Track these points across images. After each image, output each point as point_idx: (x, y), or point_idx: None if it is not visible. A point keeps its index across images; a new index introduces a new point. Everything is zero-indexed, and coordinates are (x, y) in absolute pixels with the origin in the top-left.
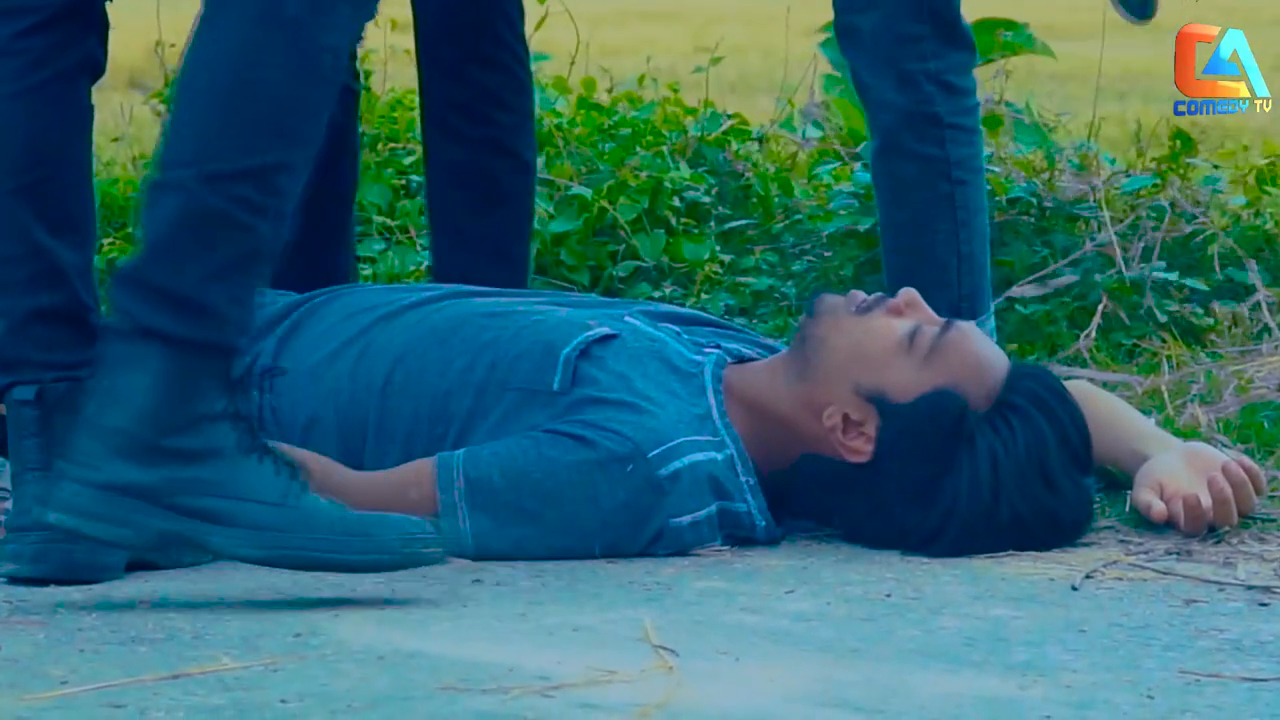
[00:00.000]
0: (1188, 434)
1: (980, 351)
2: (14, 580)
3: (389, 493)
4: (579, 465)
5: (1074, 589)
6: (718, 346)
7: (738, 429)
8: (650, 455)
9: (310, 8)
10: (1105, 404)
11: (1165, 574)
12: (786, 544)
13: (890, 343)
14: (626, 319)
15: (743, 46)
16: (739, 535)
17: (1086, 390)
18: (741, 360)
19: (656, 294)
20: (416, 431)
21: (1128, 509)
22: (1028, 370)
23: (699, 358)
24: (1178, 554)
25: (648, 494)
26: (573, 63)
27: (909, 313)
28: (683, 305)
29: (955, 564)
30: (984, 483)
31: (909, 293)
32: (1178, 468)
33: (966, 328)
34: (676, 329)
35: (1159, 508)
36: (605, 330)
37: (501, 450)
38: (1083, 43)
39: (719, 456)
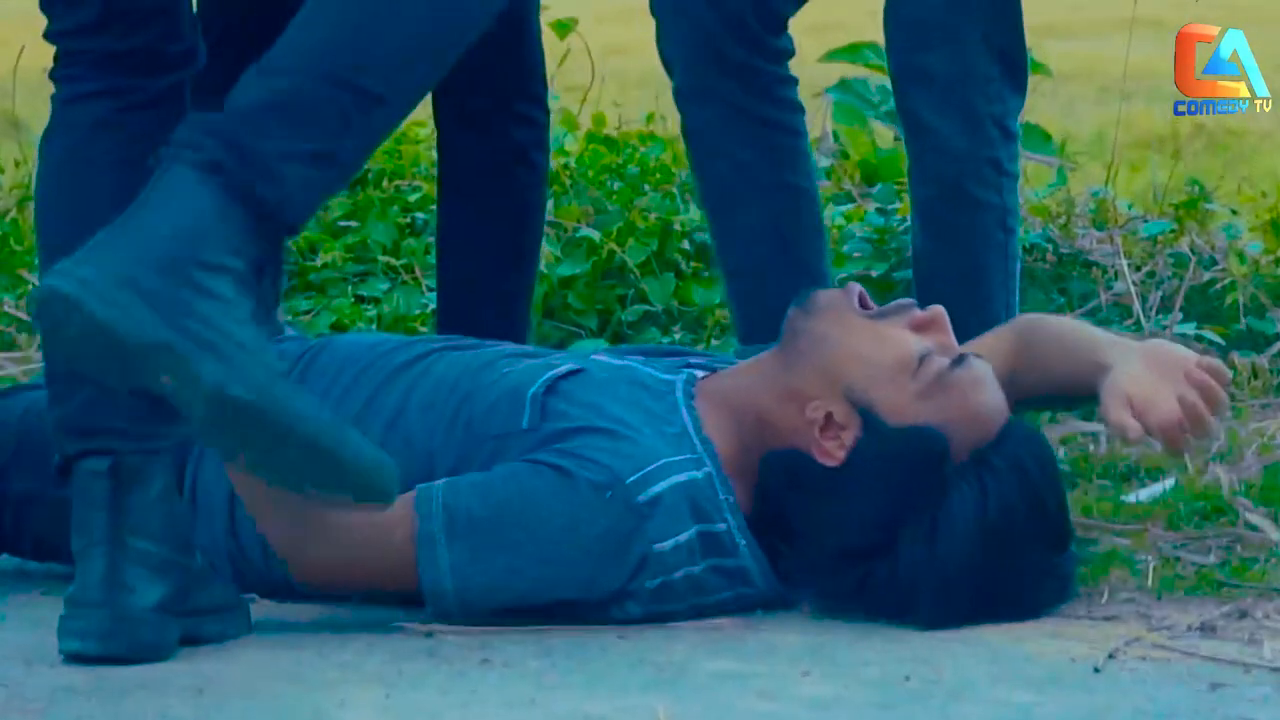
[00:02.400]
0: (1210, 496)
1: (983, 402)
2: (74, 658)
3: (372, 533)
4: (558, 495)
5: (1096, 670)
6: (687, 365)
7: (715, 444)
8: (629, 481)
9: None
10: (1056, 325)
11: (1189, 654)
12: (800, 616)
13: (899, 358)
14: (591, 357)
15: None
16: (725, 563)
17: (1035, 318)
18: (713, 373)
19: (665, 339)
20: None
21: (1105, 432)
22: (1018, 431)
23: (669, 376)
24: (1201, 630)
25: (628, 521)
26: (584, 100)
27: (929, 331)
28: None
29: (974, 641)
30: (930, 537)
31: (938, 310)
32: (1143, 376)
33: (979, 371)
34: (642, 359)
35: (1134, 429)
36: (570, 365)
37: (481, 481)
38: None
39: (698, 475)
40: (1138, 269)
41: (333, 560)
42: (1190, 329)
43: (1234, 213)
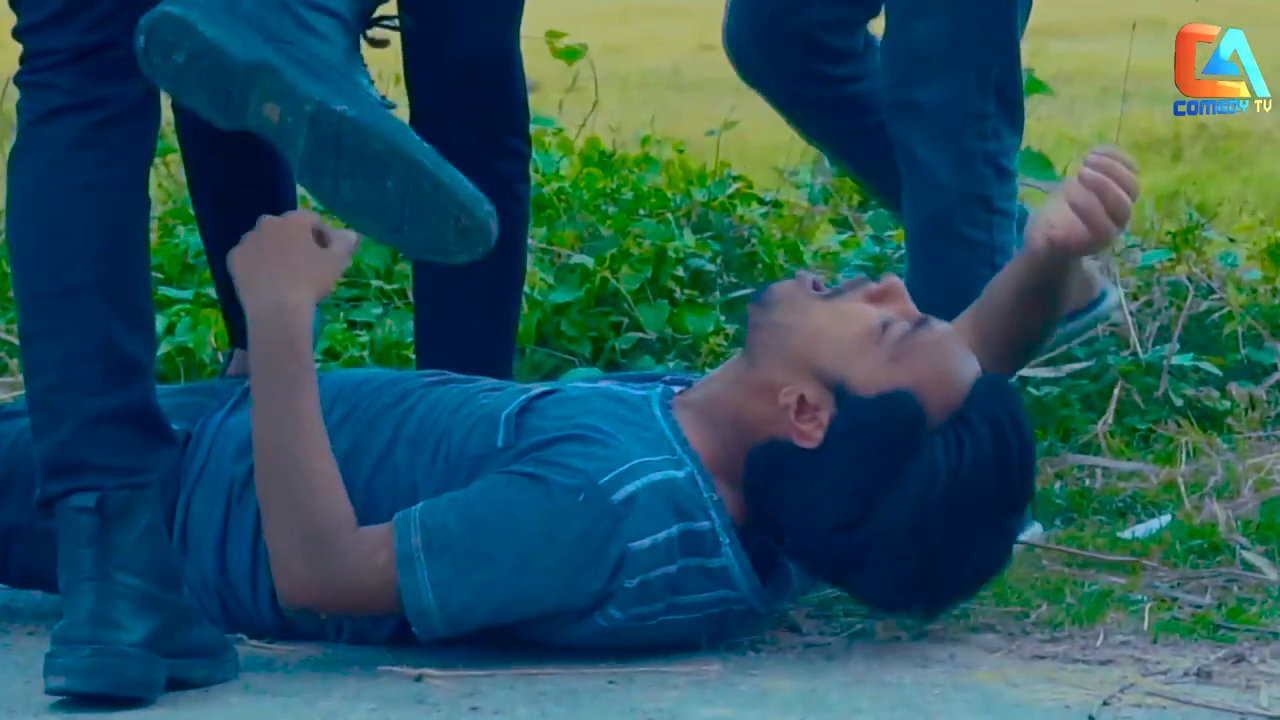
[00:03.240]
0: (1207, 533)
1: (951, 359)
2: (58, 694)
3: (359, 557)
4: (533, 502)
5: (1091, 719)
6: (660, 383)
7: (695, 448)
8: (601, 482)
9: None
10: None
11: (1185, 701)
12: (794, 660)
13: (861, 329)
14: (566, 384)
15: None
16: (707, 563)
17: None
18: (688, 386)
19: (659, 367)
20: None
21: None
22: (992, 384)
23: (645, 391)
24: (1197, 675)
25: (603, 521)
26: (583, 125)
27: (887, 301)
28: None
29: (967, 686)
30: (915, 502)
31: (890, 278)
32: (1056, 200)
33: (942, 330)
34: (618, 381)
35: (1057, 231)
36: (544, 387)
37: (458, 498)
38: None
39: (679, 475)
40: (1134, 298)
41: (321, 580)
42: (1187, 360)
43: (1232, 240)
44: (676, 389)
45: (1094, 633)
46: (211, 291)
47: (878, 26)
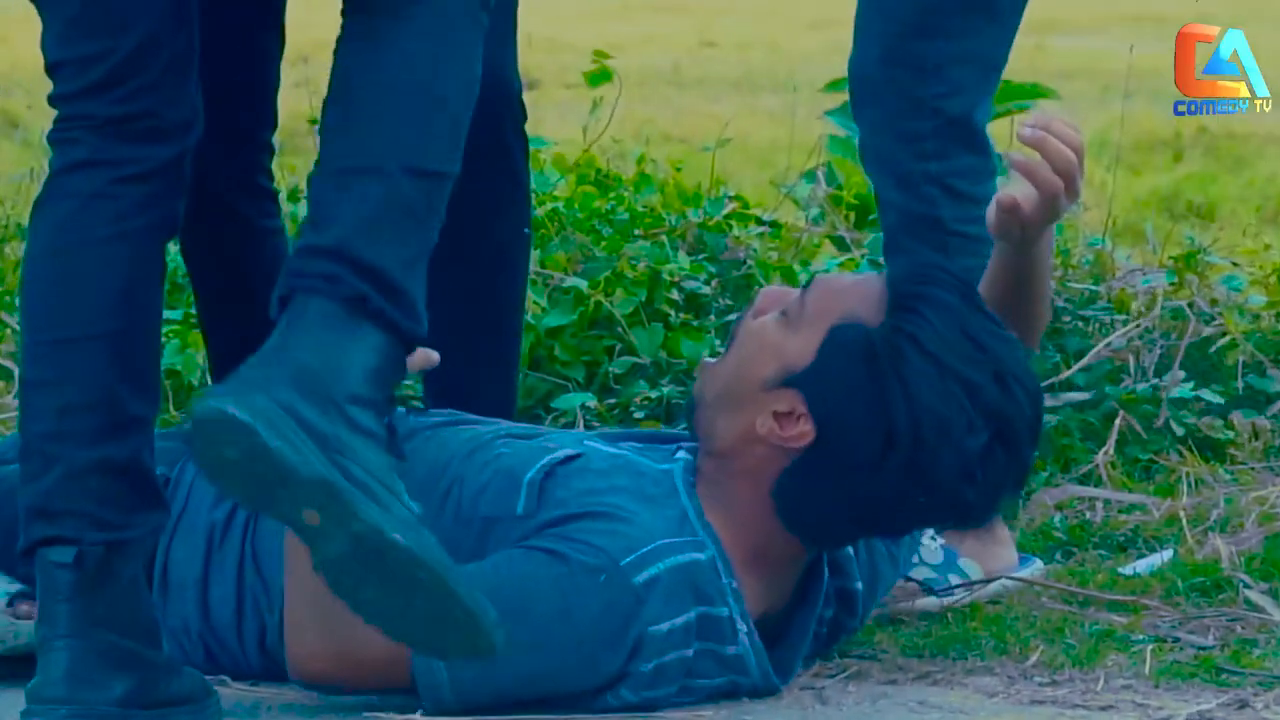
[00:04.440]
0: (1209, 570)
1: (848, 281)
2: None
3: (370, 630)
4: (551, 579)
5: None
6: (680, 449)
7: (717, 530)
8: (623, 563)
9: (472, 38)
10: None
11: None
12: (789, 704)
13: (769, 331)
14: (585, 442)
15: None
16: (721, 649)
17: None
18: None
19: (654, 392)
20: None
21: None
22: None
23: (667, 465)
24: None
25: (623, 603)
26: (587, 150)
27: (770, 305)
28: (682, 403)
29: None
30: (925, 373)
31: (761, 292)
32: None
33: (825, 274)
34: (638, 445)
35: (1005, 198)
36: (568, 451)
37: (474, 571)
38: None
39: (700, 557)
40: (1135, 324)
41: (333, 650)
42: (1189, 389)
43: (1235, 264)
44: (693, 458)
45: (1094, 675)
46: None
47: None
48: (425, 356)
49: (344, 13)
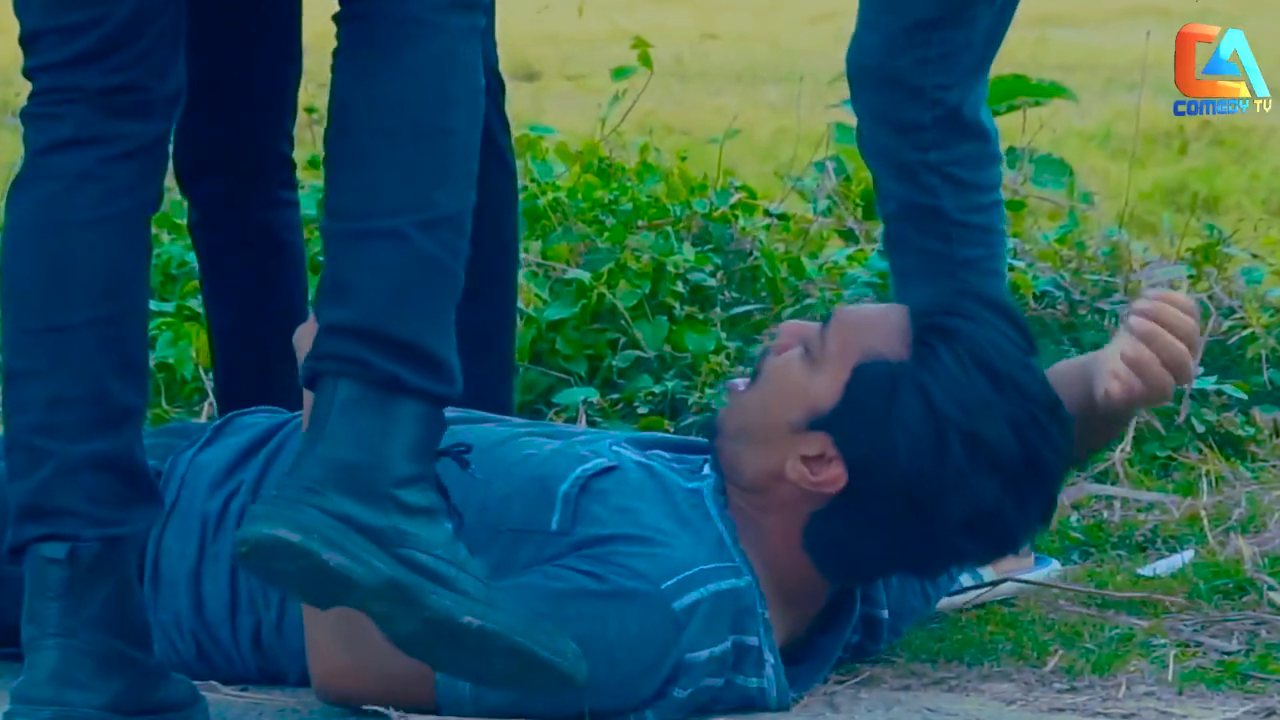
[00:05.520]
0: (1231, 572)
1: (870, 313)
2: None
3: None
4: (587, 602)
5: None
6: (707, 463)
7: (751, 554)
8: (664, 587)
9: (473, 48)
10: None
11: None
12: (799, 710)
13: (793, 370)
14: (615, 449)
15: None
16: (747, 682)
17: None
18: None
19: (658, 387)
20: None
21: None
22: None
23: (696, 484)
24: None
25: (662, 630)
26: (600, 143)
27: (791, 339)
28: (686, 398)
29: None
30: (921, 422)
31: (783, 324)
32: (1117, 346)
33: (845, 307)
34: (667, 456)
35: (1114, 389)
36: (603, 462)
37: (508, 588)
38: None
39: (740, 584)
40: None
41: (356, 665)
42: (1209, 384)
43: (1255, 255)
44: (721, 477)
45: (1115, 682)
46: (194, 304)
47: None
48: None
49: (338, 19)
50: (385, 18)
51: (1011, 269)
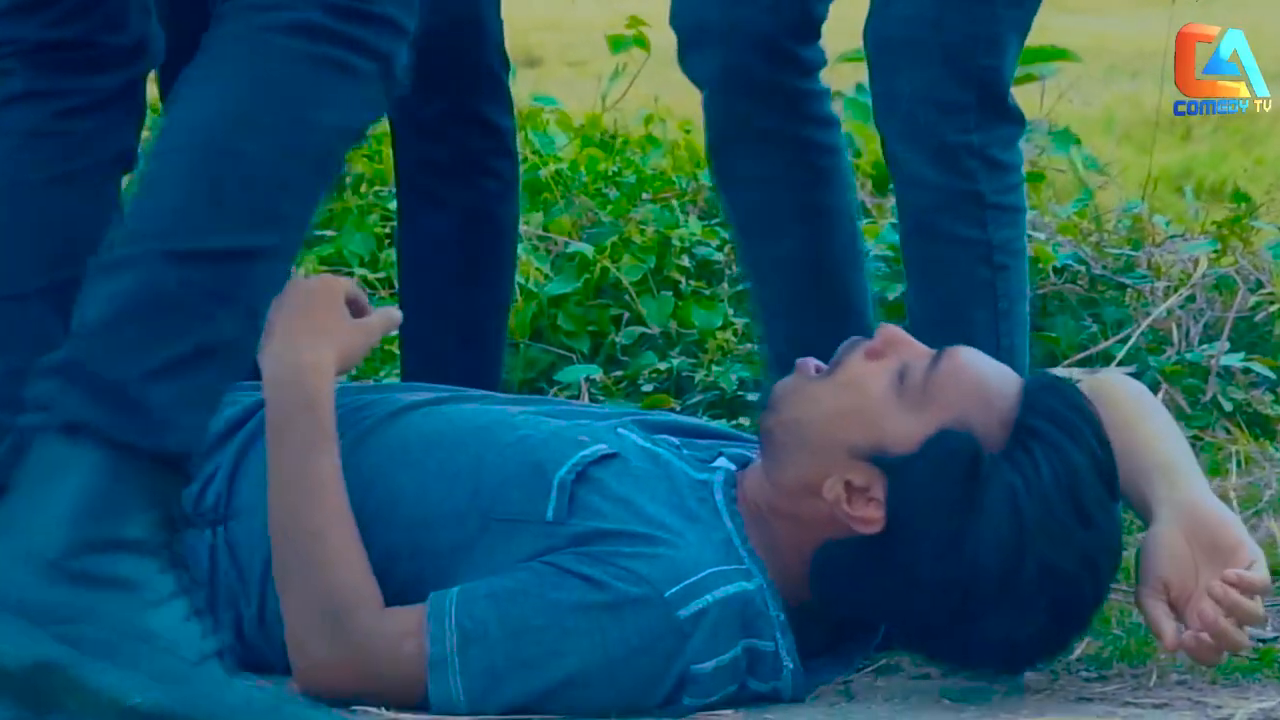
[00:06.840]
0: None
1: (984, 376)
2: None
3: (383, 643)
4: (586, 610)
5: None
6: (720, 454)
7: (760, 553)
8: (668, 594)
9: (310, 87)
10: (1114, 412)
11: None
12: (813, 702)
13: (877, 390)
14: (619, 431)
15: None
16: (759, 686)
17: (1099, 388)
18: (745, 465)
19: (663, 364)
20: (391, 570)
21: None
22: (1044, 383)
23: (705, 475)
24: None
25: (666, 639)
26: (602, 114)
27: (890, 352)
28: (693, 376)
29: None
30: (1005, 529)
31: (887, 329)
32: (1182, 556)
33: (963, 352)
34: (675, 441)
35: (1170, 637)
36: (602, 449)
37: (500, 591)
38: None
39: (749, 587)
40: (1176, 292)
41: (339, 661)
42: (1237, 360)
43: None
44: (734, 468)
45: (1146, 671)
46: None
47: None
48: (386, 317)
49: None
50: (225, 34)
51: (1031, 240)
